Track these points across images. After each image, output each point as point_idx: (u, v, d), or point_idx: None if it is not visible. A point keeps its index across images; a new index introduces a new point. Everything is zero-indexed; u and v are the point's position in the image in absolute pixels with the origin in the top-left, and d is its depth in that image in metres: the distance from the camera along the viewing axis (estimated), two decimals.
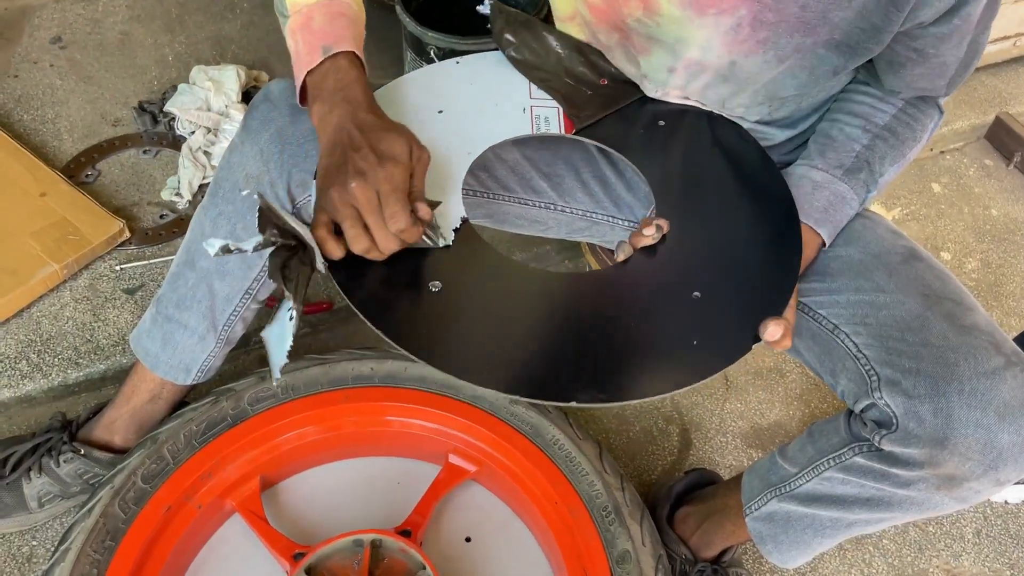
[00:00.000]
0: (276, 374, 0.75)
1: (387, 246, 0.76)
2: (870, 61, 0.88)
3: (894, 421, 0.78)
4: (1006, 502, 1.37)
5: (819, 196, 0.89)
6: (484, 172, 1.01)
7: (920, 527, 1.34)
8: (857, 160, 0.90)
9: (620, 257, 0.83)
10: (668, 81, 0.95)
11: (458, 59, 1.02)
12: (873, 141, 0.91)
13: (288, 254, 0.77)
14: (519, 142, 1.00)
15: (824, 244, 0.90)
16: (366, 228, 0.75)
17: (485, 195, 1.01)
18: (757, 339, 0.78)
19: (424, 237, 0.80)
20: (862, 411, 0.83)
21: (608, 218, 1.07)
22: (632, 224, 1.07)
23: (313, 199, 0.89)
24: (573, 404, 0.72)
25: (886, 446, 0.80)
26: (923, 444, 0.76)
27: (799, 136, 1.00)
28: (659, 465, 1.37)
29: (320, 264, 0.77)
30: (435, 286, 0.79)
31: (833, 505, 0.90)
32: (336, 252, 0.76)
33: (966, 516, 1.36)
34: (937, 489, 0.79)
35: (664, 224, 0.83)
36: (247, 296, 1.00)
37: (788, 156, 1.02)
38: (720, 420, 1.44)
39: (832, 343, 0.86)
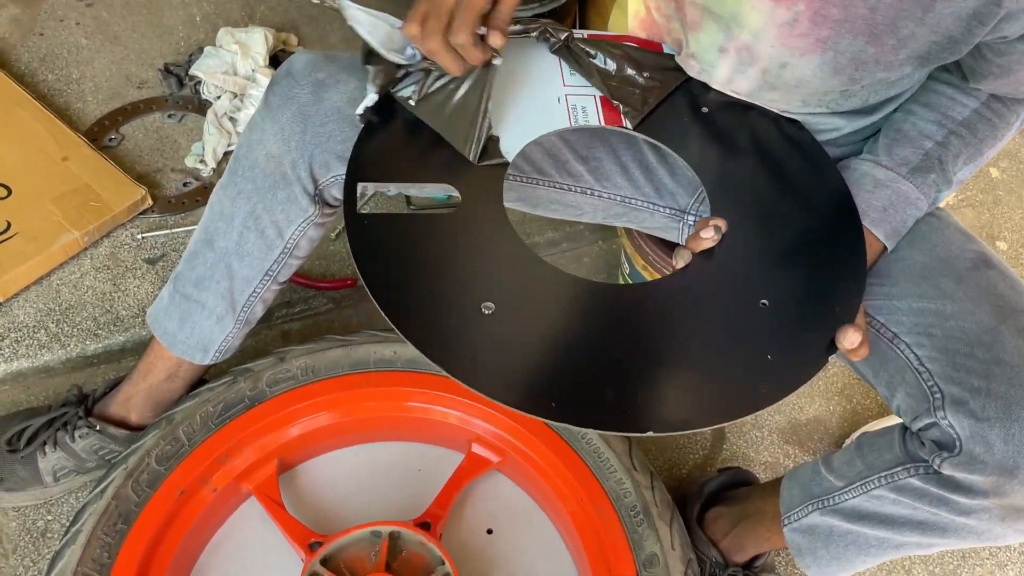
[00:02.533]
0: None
1: (443, 58, 0.72)
2: None
3: (957, 444, 0.72)
4: None
5: (879, 195, 0.82)
6: (519, 156, 0.95)
7: None
8: (927, 158, 0.82)
9: (679, 264, 0.76)
10: (716, 65, 0.87)
11: None
12: (948, 138, 0.83)
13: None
14: None
15: (885, 249, 0.83)
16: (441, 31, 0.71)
17: (519, 179, 0.95)
18: (833, 348, 0.72)
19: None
20: (920, 429, 0.76)
21: (647, 204, 1.01)
22: (675, 212, 1.00)
23: (339, 177, 0.84)
24: (650, 434, 0.66)
25: (947, 470, 0.73)
26: (989, 472, 0.70)
27: (871, 127, 0.92)
28: (690, 459, 1.31)
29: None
30: (488, 307, 0.71)
31: (881, 525, 0.84)
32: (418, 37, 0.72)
33: None
34: (1001, 520, 0.73)
35: (722, 224, 0.77)
36: (267, 277, 0.96)
37: (857, 147, 0.94)
38: (755, 414, 1.37)
39: (890, 353, 0.79)
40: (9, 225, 1.30)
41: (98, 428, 1.09)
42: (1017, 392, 0.69)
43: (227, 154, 1.48)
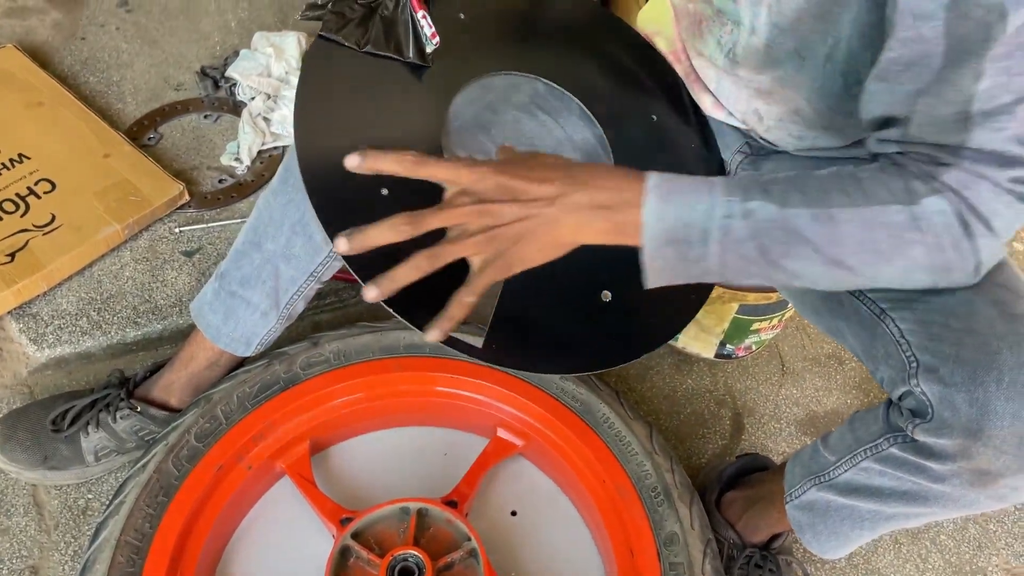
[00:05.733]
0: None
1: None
2: None
3: (929, 410, 0.74)
4: None
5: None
6: (484, 134, 0.98)
7: (980, 524, 1.29)
8: (761, 179, 0.73)
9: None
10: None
11: None
12: (807, 173, 0.73)
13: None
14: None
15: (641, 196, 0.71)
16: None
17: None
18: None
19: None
20: (900, 399, 0.79)
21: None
22: None
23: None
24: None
25: (919, 436, 0.76)
26: (956, 435, 0.72)
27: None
28: (710, 449, 1.34)
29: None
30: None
31: (871, 497, 0.86)
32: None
33: None
34: (971, 485, 0.75)
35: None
36: (312, 278, 1.01)
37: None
38: (775, 406, 1.40)
39: (878, 328, 0.82)
40: (54, 217, 1.35)
41: (139, 409, 1.14)
42: (984, 358, 0.71)
43: (261, 152, 1.54)
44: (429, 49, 0.89)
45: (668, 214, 0.68)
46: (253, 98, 1.58)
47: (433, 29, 0.88)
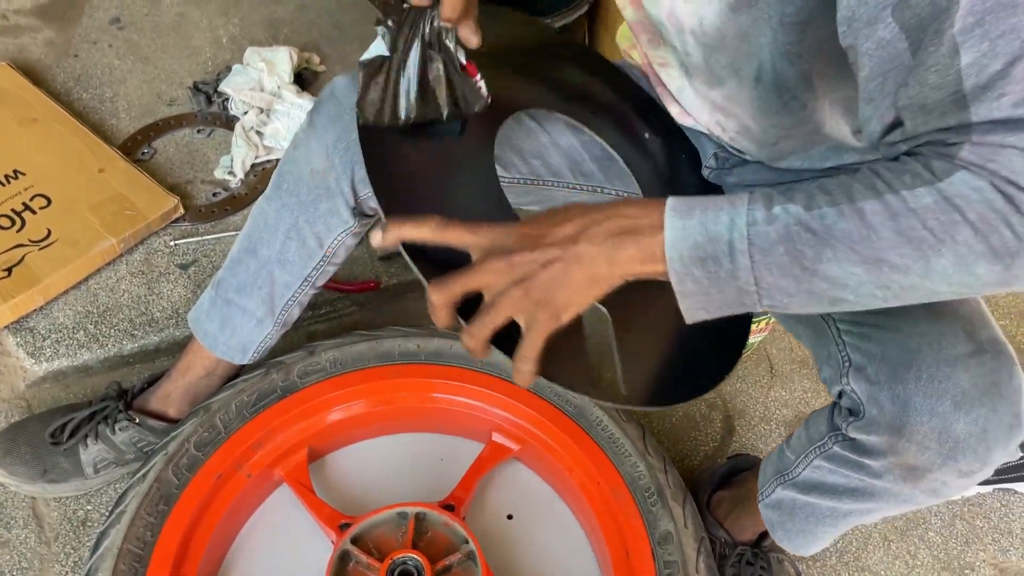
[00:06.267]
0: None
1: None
2: None
3: (861, 408, 0.77)
4: None
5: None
6: (537, 159, 1.01)
7: (967, 520, 1.32)
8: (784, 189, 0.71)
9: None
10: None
11: None
12: (829, 178, 0.70)
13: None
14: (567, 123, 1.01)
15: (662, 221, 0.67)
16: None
17: (535, 182, 1.02)
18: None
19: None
20: (838, 397, 0.82)
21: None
22: None
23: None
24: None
25: (853, 434, 0.79)
26: (883, 431, 0.75)
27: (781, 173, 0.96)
28: (701, 451, 1.36)
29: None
30: None
31: (826, 494, 0.89)
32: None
33: (1015, 512, 1.34)
34: (904, 481, 0.78)
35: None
36: (306, 283, 1.03)
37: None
38: (764, 408, 1.43)
39: (822, 328, 0.85)
40: (49, 232, 1.37)
41: (137, 421, 1.15)
42: (904, 356, 0.74)
43: (255, 165, 1.55)
44: (479, 108, 0.83)
45: (691, 229, 0.64)
46: (246, 112, 1.60)
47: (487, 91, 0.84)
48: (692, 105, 0.98)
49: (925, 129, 0.63)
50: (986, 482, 1.31)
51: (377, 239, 0.69)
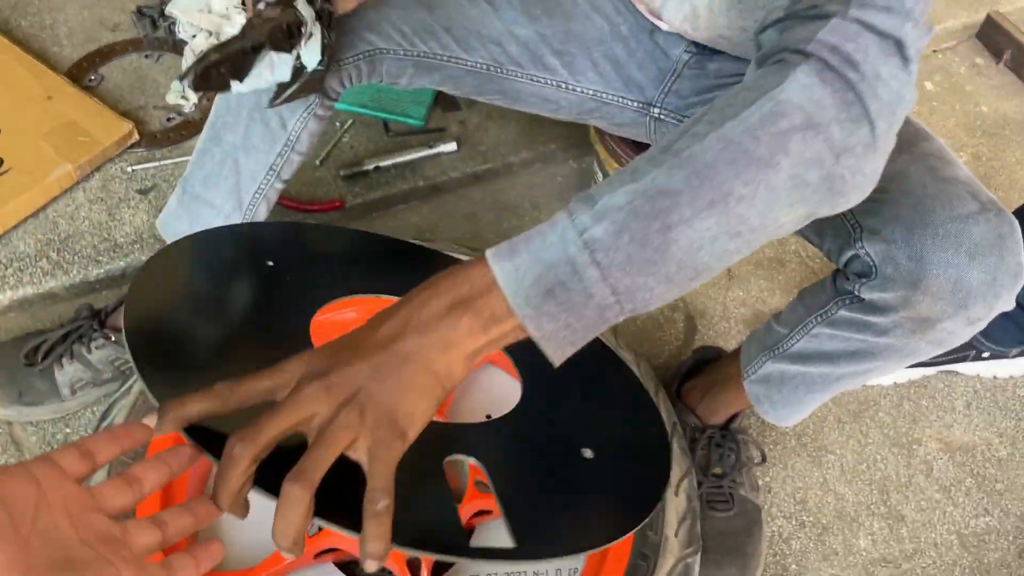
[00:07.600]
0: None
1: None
2: None
3: (873, 269, 0.82)
4: (995, 377, 1.44)
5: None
6: (496, 45, 1.02)
7: (914, 401, 1.41)
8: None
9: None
10: None
11: None
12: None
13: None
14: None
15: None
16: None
17: (497, 70, 1.03)
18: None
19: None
20: (846, 264, 0.86)
21: (617, 98, 1.09)
22: (642, 106, 1.09)
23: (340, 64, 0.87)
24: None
25: (865, 294, 0.84)
26: (898, 287, 0.80)
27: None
28: (666, 350, 1.42)
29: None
30: None
31: (822, 361, 0.94)
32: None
33: (957, 390, 1.43)
34: (913, 334, 0.83)
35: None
36: (271, 173, 1.03)
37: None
38: (723, 307, 1.49)
39: None
40: (2, 161, 1.34)
41: (113, 339, 1.15)
42: (917, 216, 0.79)
43: None
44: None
45: (524, 266, 0.57)
46: (195, 36, 1.56)
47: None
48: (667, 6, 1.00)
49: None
50: (930, 363, 1.40)
51: (152, 428, 0.57)
